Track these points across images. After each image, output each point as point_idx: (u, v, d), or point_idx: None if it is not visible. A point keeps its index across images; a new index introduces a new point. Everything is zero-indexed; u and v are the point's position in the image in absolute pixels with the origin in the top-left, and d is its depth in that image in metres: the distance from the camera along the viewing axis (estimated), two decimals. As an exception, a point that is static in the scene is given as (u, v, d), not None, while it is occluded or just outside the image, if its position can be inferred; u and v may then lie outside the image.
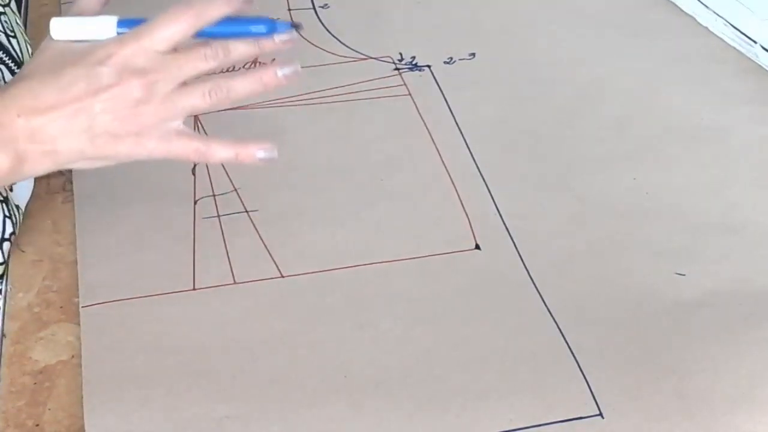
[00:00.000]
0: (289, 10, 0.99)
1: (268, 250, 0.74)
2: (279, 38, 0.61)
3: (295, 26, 0.62)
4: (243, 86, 0.61)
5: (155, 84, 0.59)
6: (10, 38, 0.79)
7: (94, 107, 0.59)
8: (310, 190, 0.80)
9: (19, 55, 0.80)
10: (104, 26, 0.61)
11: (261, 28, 0.60)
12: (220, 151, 0.62)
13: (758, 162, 0.82)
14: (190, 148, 0.61)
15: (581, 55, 0.94)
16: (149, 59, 0.59)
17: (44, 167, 0.61)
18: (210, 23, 0.59)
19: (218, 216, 0.77)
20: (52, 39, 0.61)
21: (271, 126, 0.85)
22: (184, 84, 0.60)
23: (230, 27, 0.60)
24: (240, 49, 0.60)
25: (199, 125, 0.84)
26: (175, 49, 0.60)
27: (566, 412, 0.64)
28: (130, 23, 0.61)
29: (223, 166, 0.81)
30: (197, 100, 0.60)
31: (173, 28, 0.59)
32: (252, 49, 0.61)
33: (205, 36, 0.60)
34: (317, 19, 0.98)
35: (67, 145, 0.60)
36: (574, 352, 0.67)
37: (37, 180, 0.80)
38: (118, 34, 0.60)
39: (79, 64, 0.59)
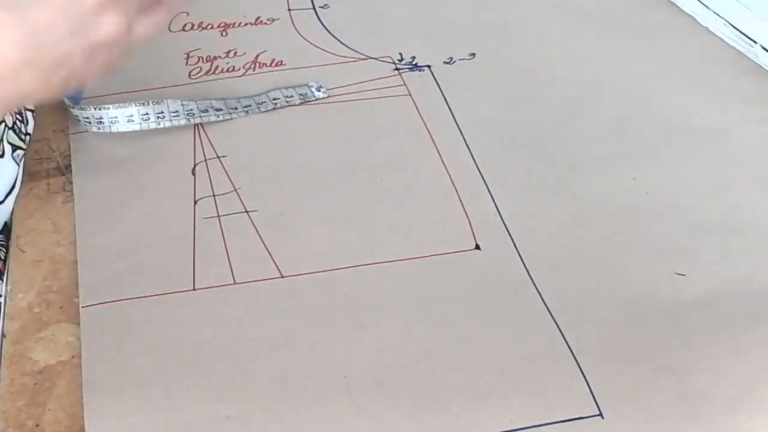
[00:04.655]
0: (289, 10, 0.99)
1: (268, 250, 0.74)
2: None
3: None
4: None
5: (133, 25, 0.55)
6: None
7: (74, 59, 0.54)
8: (310, 190, 0.80)
9: None
10: None
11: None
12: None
13: (758, 162, 0.82)
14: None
15: (581, 55, 0.94)
16: None
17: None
18: None
19: (218, 216, 0.77)
20: None
21: (272, 126, 0.85)
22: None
23: None
24: None
25: (199, 126, 0.84)
26: None
27: (566, 412, 0.64)
28: None
29: (223, 166, 0.81)
30: (155, 30, 0.57)
31: None
32: None
33: None
34: (317, 19, 0.98)
35: (35, 96, 0.56)
36: (574, 352, 0.67)
37: (37, 180, 0.80)
38: None
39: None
